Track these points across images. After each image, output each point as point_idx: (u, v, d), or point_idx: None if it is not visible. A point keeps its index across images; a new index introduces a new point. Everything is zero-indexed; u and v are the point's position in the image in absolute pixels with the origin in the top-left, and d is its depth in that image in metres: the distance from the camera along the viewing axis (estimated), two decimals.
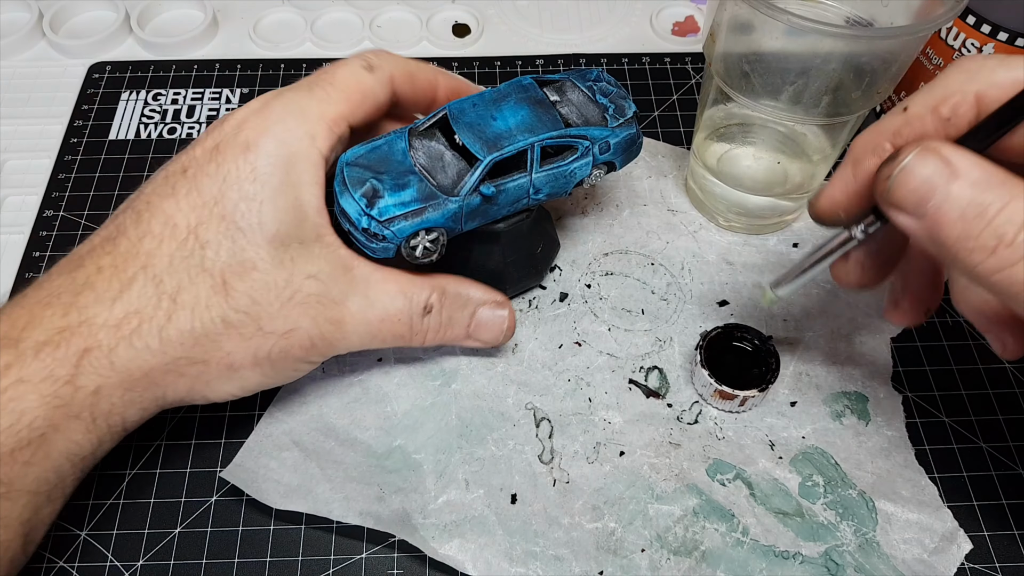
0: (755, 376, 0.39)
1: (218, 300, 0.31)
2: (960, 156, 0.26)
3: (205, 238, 0.31)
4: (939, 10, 0.34)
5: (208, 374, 0.32)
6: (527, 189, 0.36)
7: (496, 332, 0.39)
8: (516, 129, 0.35)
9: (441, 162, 0.35)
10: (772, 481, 0.38)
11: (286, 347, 0.33)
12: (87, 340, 0.30)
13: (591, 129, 0.36)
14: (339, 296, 0.34)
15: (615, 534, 0.36)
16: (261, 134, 0.32)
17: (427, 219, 0.33)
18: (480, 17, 0.59)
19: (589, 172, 0.37)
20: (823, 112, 0.38)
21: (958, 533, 0.36)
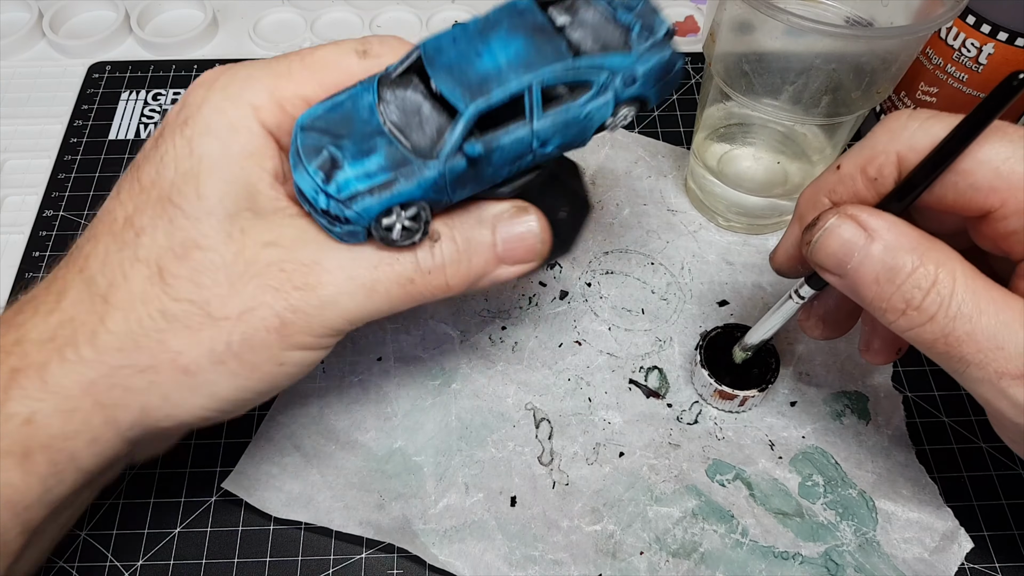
0: (755, 376, 0.39)
1: (154, 291, 0.26)
2: (877, 220, 0.27)
3: (140, 224, 0.27)
4: (939, 10, 0.34)
5: (161, 384, 0.26)
6: (529, 143, 0.27)
7: (531, 245, 0.29)
8: (508, 67, 0.26)
9: (418, 117, 0.27)
10: (772, 481, 0.38)
11: (248, 333, 0.26)
12: (19, 360, 0.26)
13: (610, 57, 0.27)
14: (309, 258, 0.27)
15: (614, 537, 0.36)
16: (200, 107, 0.28)
17: (398, 193, 0.26)
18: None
19: (611, 113, 0.28)
20: (823, 112, 0.38)
21: (959, 532, 0.36)
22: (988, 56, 0.42)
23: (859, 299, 0.28)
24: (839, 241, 0.28)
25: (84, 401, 0.26)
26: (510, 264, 0.30)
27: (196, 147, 0.27)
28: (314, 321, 0.27)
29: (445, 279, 0.28)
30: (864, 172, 0.29)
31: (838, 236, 0.28)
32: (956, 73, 0.43)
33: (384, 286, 0.27)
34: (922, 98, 0.46)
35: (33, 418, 0.26)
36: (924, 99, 0.46)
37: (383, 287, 0.27)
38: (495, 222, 0.29)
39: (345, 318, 0.27)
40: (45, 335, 0.26)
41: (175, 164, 0.27)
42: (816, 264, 0.29)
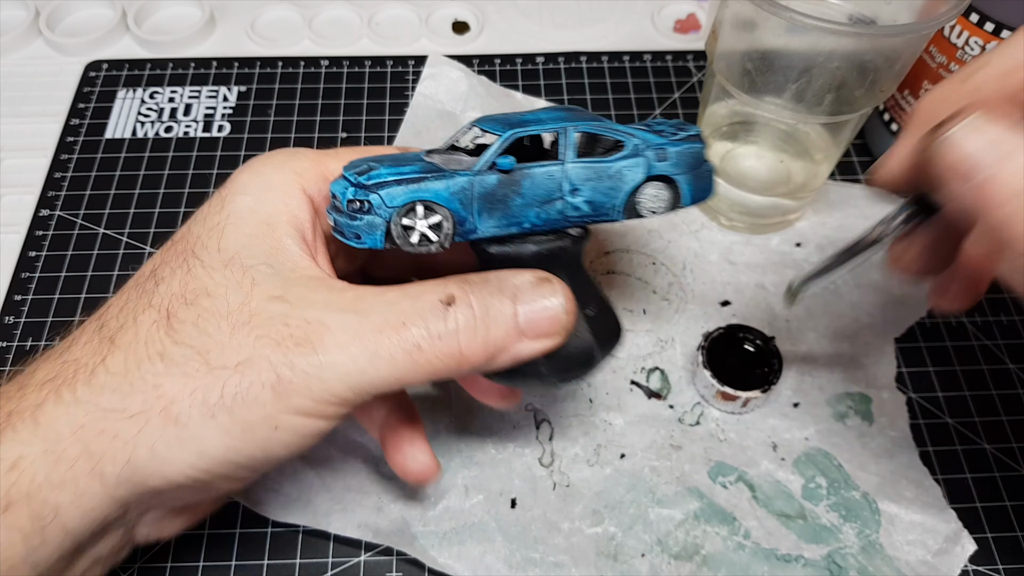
0: (757, 377, 0.39)
1: (159, 335, 0.26)
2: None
3: (161, 275, 0.27)
4: (942, 8, 0.34)
5: (150, 433, 0.25)
6: (559, 182, 0.28)
7: (556, 315, 0.27)
8: (548, 118, 0.28)
9: (457, 163, 0.28)
10: (774, 483, 0.38)
11: (243, 385, 0.25)
12: (17, 403, 0.25)
13: (642, 131, 0.29)
14: (314, 316, 0.25)
15: (615, 539, 0.36)
16: (242, 171, 0.29)
17: (426, 188, 0.26)
18: (480, 14, 0.58)
19: (642, 180, 0.29)
20: (826, 110, 0.38)
21: (962, 534, 0.36)
22: None
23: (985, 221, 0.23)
24: (980, 142, 0.23)
25: (72, 447, 0.25)
26: (532, 338, 0.27)
27: (228, 204, 0.28)
28: (313, 383, 0.25)
29: (458, 347, 0.26)
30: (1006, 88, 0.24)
31: (980, 136, 0.23)
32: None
33: (388, 351, 0.25)
34: None
35: (19, 464, 0.24)
36: None
37: (387, 351, 0.25)
38: (516, 291, 0.27)
39: (346, 383, 0.25)
40: (48, 376, 0.26)
41: (205, 220, 0.28)
42: (942, 167, 0.24)
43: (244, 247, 0.27)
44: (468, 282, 0.27)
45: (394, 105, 0.53)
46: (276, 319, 0.25)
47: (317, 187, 0.29)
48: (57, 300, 0.44)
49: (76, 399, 0.25)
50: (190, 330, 0.26)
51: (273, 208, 0.28)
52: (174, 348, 0.25)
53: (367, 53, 0.56)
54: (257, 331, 0.25)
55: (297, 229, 0.28)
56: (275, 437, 0.25)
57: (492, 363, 0.27)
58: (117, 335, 0.26)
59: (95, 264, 0.45)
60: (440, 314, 0.26)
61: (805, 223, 0.47)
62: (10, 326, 0.43)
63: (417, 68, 0.54)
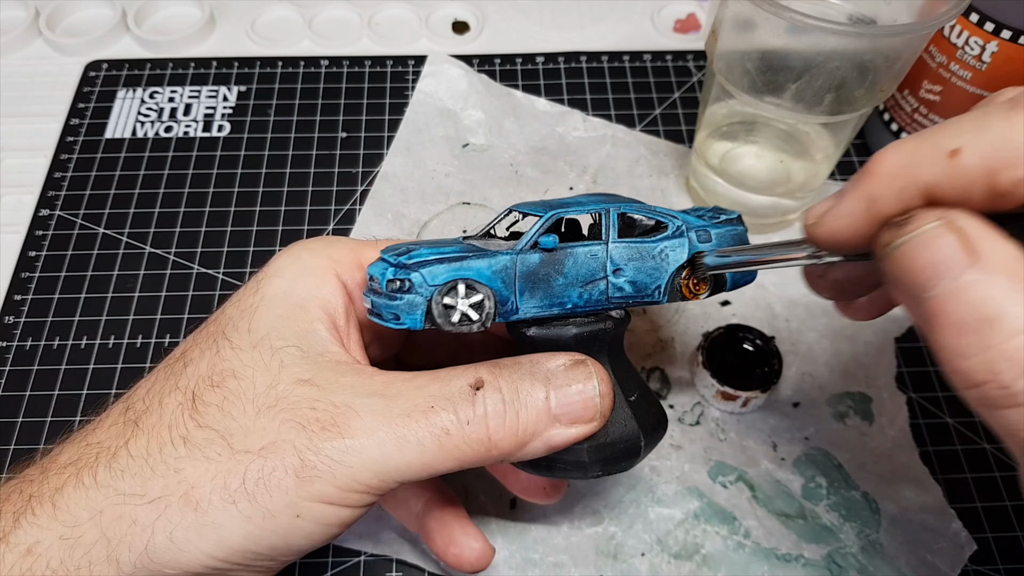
0: (757, 377, 0.39)
1: (183, 418, 0.25)
2: (993, 243, 0.19)
3: (191, 356, 0.27)
4: (942, 8, 0.34)
5: (169, 520, 0.24)
6: (602, 262, 0.27)
7: (589, 399, 0.26)
8: (587, 201, 0.28)
9: (496, 245, 0.28)
10: (775, 483, 0.38)
11: (266, 471, 0.24)
12: (38, 487, 0.25)
13: (683, 215, 0.29)
14: (342, 400, 0.25)
15: (615, 538, 0.36)
16: (279, 256, 0.29)
17: (468, 267, 0.25)
18: (480, 14, 0.58)
19: (685, 260, 0.28)
20: (826, 110, 0.38)
21: (962, 534, 0.36)
22: (992, 54, 0.41)
23: (929, 339, 0.21)
24: (930, 257, 0.20)
25: (90, 532, 0.24)
26: (566, 424, 0.26)
27: (263, 287, 0.28)
28: (338, 469, 0.24)
29: (487, 432, 0.25)
30: (993, 179, 0.20)
31: (931, 251, 0.20)
32: (960, 71, 0.43)
33: (417, 436, 0.24)
34: (926, 96, 0.46)
35: (35, 548, 0.24)
36: (928, 97, 0.46)
37: (415, 437, 0.24)
38: (549, 376, 0.26)
39: (372, 470, 0.24)
40: (71, 459, 0.25)
41: (239, 302, 0.28)
42: (889, 275, 0.21)
43: (274, 328, 0.26)
44: (499, 366, 0.26)
45: (394, 105, 0.53)
46: (303, 403, 0.25)
47: (352, 274, 0.29)
48: (57, 300, 0.44)
49: (96, 483, 0.25)
50: (215, 413, 0.25)
51: (307, 292, 0.27)
52: (198, 432, 0.25)
53: (367, 53, 0.56)
54: (283, 415, 0.25)
55: (329, 314, 0.28)
56: (296, 526, 0.24)
57: (524, 450, 0.26)
58: (142, 418, 0.26)
59: (95, 264, 0.45)
60: (469, 399, 0.25)
61: None
62: (10, 326, 0.43)
63: (417, 68, 0.54)
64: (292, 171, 0.50)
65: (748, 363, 0.39)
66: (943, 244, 0.20)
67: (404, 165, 0.49)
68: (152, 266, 0.45)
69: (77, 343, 0.42)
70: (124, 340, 0.43)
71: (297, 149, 0.51)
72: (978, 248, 0.19)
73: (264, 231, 0.47)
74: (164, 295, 0.44)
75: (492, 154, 0.50)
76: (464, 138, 0.51)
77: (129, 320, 0.43)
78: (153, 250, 0.46)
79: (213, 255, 0.46)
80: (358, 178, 0.49)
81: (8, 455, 0.39)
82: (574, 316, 0.27)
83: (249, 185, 0.49)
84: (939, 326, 0.20)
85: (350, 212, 0.48)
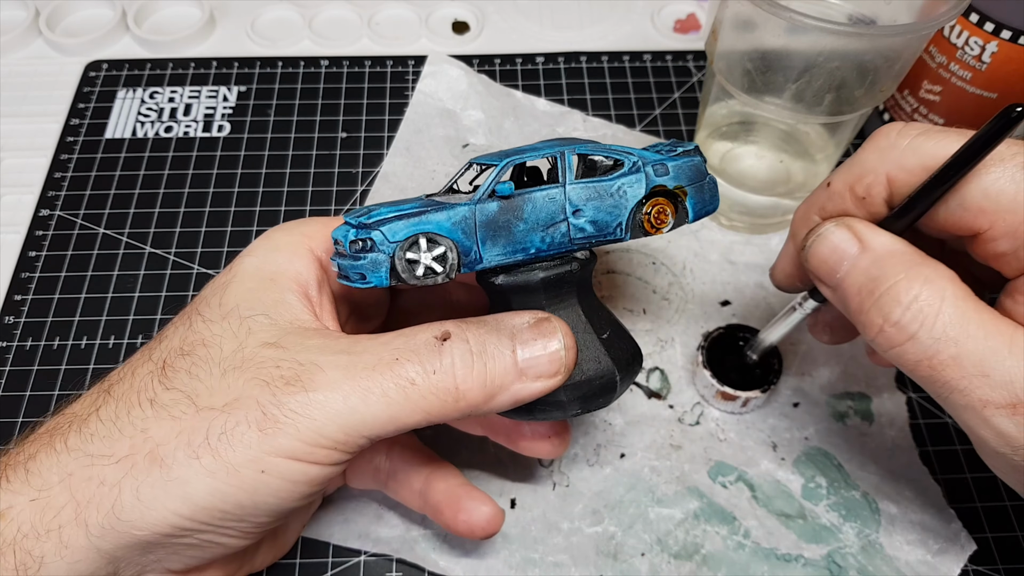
0: (757, 377, 0.39)
1: (151, 383, 0.26)
2: (871, 231, 0.27)
3: (165, 333, 0.28)
4: (942, 8, 0.34)
5: (135, 477, 0.24)
6: (561, 204, 0.27)
7: (554, 353, 0.27)
8: (544, 146, 0.29)
9: (457, 199, 0.28)
10: (774, 483, 0.38)
11: (228, 424, 0.24)
12: (14, 457, 0.26)
13: (639, 150, 0.29)
14: (307, 358, 0.25)
15: (615, 538, 0.36)
16: (255, 239, 0.30)
17: (427, 220, 0.26)
18: (480, 14, 0.58)
19: (643, 195, 0.28)
20: (826, 110, 0.38)
21: (962, 534, 0.36)
22: (991, 54, 0.41)
23: (846, 313, 0.28)
24: (831, 246, 0.28)
25: (59, 495, 0.25)
26: (532, 379, 0.27)
27: (236, 265, 0.29)
28: (301, 423, 0.24)
29: (454, 382, 0.25)
30: (853, 191, 0.29)
31: (830, 241, 0.28)
32: (959, 71, 0.43)
33: (381, 387, 0.25)
34: (926, 96, 0.46)
35: (6, 513, 0.24)
36: (928, 97, 0.46)
37: (380, 388, 0.25)
38: (514, 332, 0.27)
39: (338, 423, 0.24)
40: (46, 429, 0.26)
41: (214, 283, 0.29)
42: (811, 272, 0.29)
43: (244, 300, 0.27)
44: (465, 321, 0.27)
45: (394, 105, 0.53)
46: (268, 362, 0.25)
47: (325, 248, 0.29)
48: (57, 300, 0.44)
49: (67, 447, 0.25)
50: (183, 377, 0.26)
51: (277, 267, 0.28)
52: (164, 394, 0.25)
53: (367, 53, 0.56)
54: (248, 374, 0.25)
55: (300, 285, 0.28)
56: (262, 481, 0.25)
57: (491, 403, 0.26)
58: (114, 387, 0.27)
59: (95, 264, 0.45)
60: (435, 350, 0.26)
61: None
62: (10, 326, 0.43)
63: (417, 68, 0.54)
64: (292, 171, 0.50)
65: (748, 363, 0.39)
66: (839, 236, 0.28)
67: (404, 165, 0.49)
68: (152, 266, 0.45)
69: (77, 343, 0.42)
70: (124, 340, 0.43)
71: (297, 149, 0.51)
72: (863, 236, 0.27)
73: (264, 231, 0.47)
74: (164, 295, 0.44)
75: None
76: (464, 138, 0.51)
77: (129, 320, 0.43)
78: (153, 250, 0.46)
79: (213, 255, 0.46)
80: (358, 178, 0.49)
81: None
82: (539, 261, 0.28)
83: (249, 185, 0.49)
84: (849, 297, 0.27)
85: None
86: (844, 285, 0.27)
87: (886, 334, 0.26)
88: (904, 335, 0.25)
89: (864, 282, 0.26)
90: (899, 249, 0.27)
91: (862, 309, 0.26)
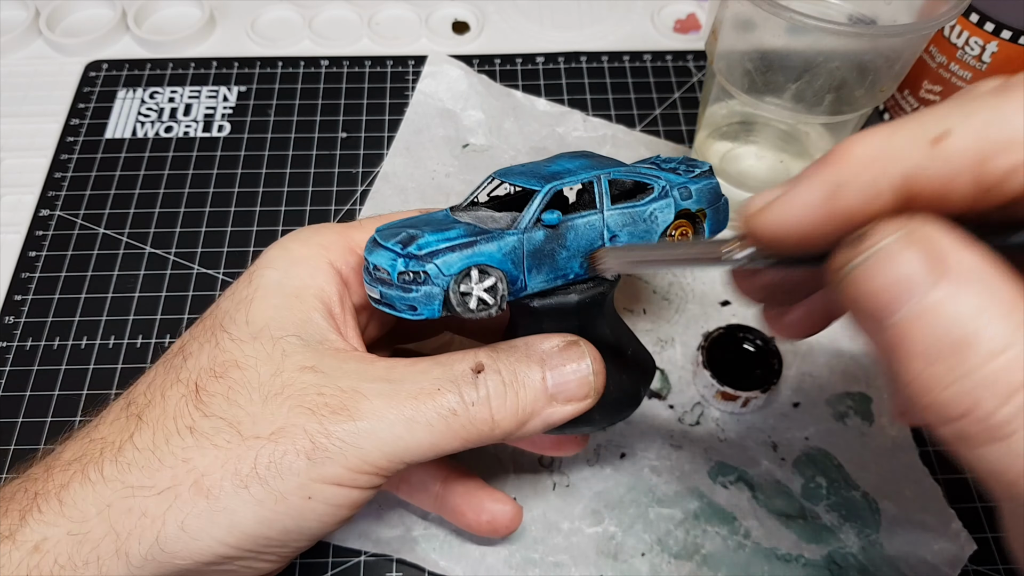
0: (758, 377, 0.39)
1: (187, 408, 0.25)
2: (963, 254, 0.17)
3: (189, 350, 0.27)
4: (942, 8, 0.34)
5: (180, 509, 0.24)
6: (600, 230, 0.28)
7: (583, 378, 0.27)
8: (577, 168, 0.29)
9: (492, 220, 0.28)
10: (774, 483, 0.38)
11: (277, 454, 0.24)
12: (43, 485, 0.25)
13: (664, 173, 0.30)
14: (348, 385, 0.25)
15: (615, 538, 0.36)
16: (269, 249, 0.29)
17: (480, 252, 0.26)
18: (480, 14, 0.58)
19: (673, 219, 0.29)
20: (826, 110, 0.38)
21: (962, 534, 0.36)
22: (992, 54, 0.41)
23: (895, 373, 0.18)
24: (893, 276, 0.17)
25: (98, 526, 0.24)
26: (562, 403, 0.27)
27: (256, 279, 0.28)
28: (349, 451, 0.25)
29: (490, 413, 0.26)
30: (981, 167, 0.18)
31: (894, 268, 0.17)
32: (960, 71, 0.43)
33: (425, 416, 0.25)
34: (926, 96, 0.46)
35: (42, 545, 0.24)
36: (928, 97, 0.46)
37: (424, 418, 0.25)
38: (544, 357, 0.27)
39: (382, 451, 0.25)
40: (75, 456, 0.25)
41: (233, 295, 0.28)
42: (847, 298, 0.18)
43: (273, 319, 0.27)
44: (496, 350, 0.27)
45: (394, 105, 0.53)
46: (310, 388, 0.25)
47: (344, 260, 0.29)
48: (57, 300, 0.44)
49: (103, 478, 0.25)
50: (220, 402, 0.25)
51: (300, 282, 0.28)
52: (204, 421, 0.25)
53: (367, 53, 0.56)
54: (291, 401, 0.25)
55: (324, 303, 0.28)
56: (308, 507, 0.25)
57: (523, 429, 0.27)
58: (145, 411, 0.26)
59: (95, 264, 0.45)
60: (471, 381, 0.26)
61: None
62: (10, 326, 0.43)
63: (417, 68, 0.54)
64: (292, 171, 0.50)
65: (748, 363, 0.39)
66: (906, 259, 0.17)
67: (404, 165, 0.49)
68: (152, 266, 0.45)
69: (77, 343, 0.42)
70: (124, 340, 0.43)
71: (297, 149, 0.51)
72: (946, 259, 0.17)
73: (264, 231, 0.47)
74: (164, 295, 0.44)
75: (492, 154, 0.50)
76: (464, 138, 0.51)
77: (129, 320, 0.43)
78: (153, 250, 0.46)
79: (213, 255, 0.46)
80: (358, 178, 0.49)
81: (8, 455, 0.39)
82: (574, 284, 0.28)
83: (249, 185, 0.49)
84: (906, 355, 0.17)
85: (350, 212, 0.48)
86: (903, 336, 0.17)
87: (965, 429, 0.17)
88: (993, 436, 0.16)
89: (938, 341, 0.16)
90: (1004, 290, 0.16)
91: (932, 384, 0.17)
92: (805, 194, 0.19)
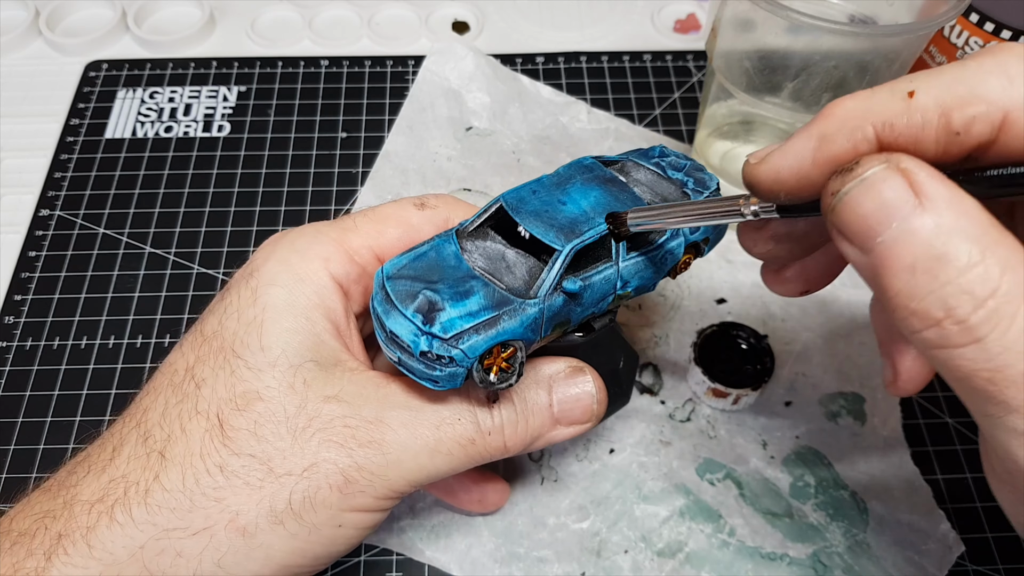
0: (749, 374, 0.39)
1: (214, 445, 0.25)
2: (939, 185, 0.19)
3: (201, 376, 0.27)
4: (942, 8, 0.34)
5: (217, 548, 0.25)
6: (614, 283, 0.28)
7: (587, 405, 0.29)
8: (592, 211, 0.28)
9: (504, 262, 0.28)
10: (763, 481, 0.38)
11: (310, 490, 0.25)
12: (65, 524, 0.25)
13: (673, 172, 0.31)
14: (372, 414, 0.26)
15: (599, 535, 0.36)
16: (266, 260, 0.29)
17: (504, 330, 0.26)
18: (480, 14, 0.58)
19: (682, 255, 0.30)
20: None
21: (950, 535, 0.36)
22: None
23: (881, 289, 0.20)
24: (878, 200, 0.19)
25: (129, 567, 0.24)
26: (566, 425, 0.29)
27: (261, 296, 0.28)
28: (377, 481, 0.26)
29: (503, 440, 0.28)
30: (947, 118, 0.20)
31: (878, 193, 0.19)
32: None
33: (447, 446, 0.27)
34: None
35: None
36: None
37: (445, 447, 0.27)
38: (551, 383, 0.29)
39: (406, 479, 0.26)
40: (96, 495, 0.25)
41: (239, 314, 0.27)
42: (837, 227, 0.21)
43: (287, 344, 0.27)
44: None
45: (394, 105, 0.53)
46: (336, 420, 0.26)
47: (345, 271, 0.29)
48: (57, 300, 0.44)
49: (132, 520, 0.25)
50: (247, 438, 0.25)
51: (307, 300, 0.28)
52: (233, 459, 0.25)
53: (367, 53, 0.56)
54: (320, 435, 0.26)
55: (332, 322, 0.28)
56: (338, 534, 0.26)
57: (528, 449, 0.29)
58: (167, 448, 0.26)
59: (95, 264, 0.45)
60: (487, 411, 0.27)
61: None
62: (10, 326, 0.43)
63: (417, 68, 0.54)
64: (292, 171, 0.50)
65: (741, 361, 0.39)
66: (891, 186, 0.19)
67: (406, 145, 0.50)
68: (152, 266, 0.46)
69: (77, 343, 0.43)
70: (124, 340, 0.43)
71: (297, 149, 0.51)
72: (925, 188, 0.19)
73: (264, 231, 0.47)
74: (164, 295, 0.44)
75: (495, 140, 0.50)
76: (468, 121, 0.51)
77: (129, 320, 0.43)
78: (153, 250, 0.46)
79: (213, 255, 0.46)
80: (358, 178, 0.50)
81: (8, 455, 0.39)
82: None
83: (249, 185, 0.49)
84: (892, 271, 0.19)
85: (350, 213, 0.48)
86: (887, 255, 0.19)
87: (945, 332, 0.19)
88: (968, 337, 0.19)
89: (921, 256, 0.19)
90: (974, 214, 0.19)
91: (914, 292, 0.19)
92: (796, 145, 0.22)
